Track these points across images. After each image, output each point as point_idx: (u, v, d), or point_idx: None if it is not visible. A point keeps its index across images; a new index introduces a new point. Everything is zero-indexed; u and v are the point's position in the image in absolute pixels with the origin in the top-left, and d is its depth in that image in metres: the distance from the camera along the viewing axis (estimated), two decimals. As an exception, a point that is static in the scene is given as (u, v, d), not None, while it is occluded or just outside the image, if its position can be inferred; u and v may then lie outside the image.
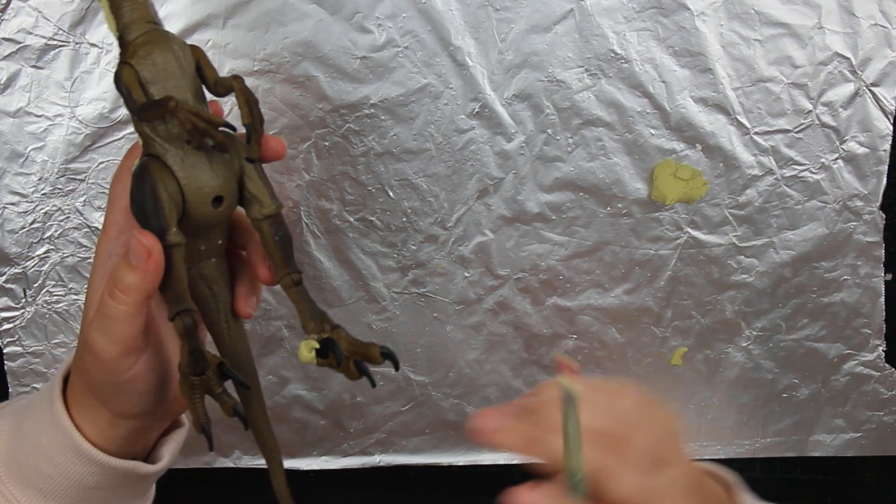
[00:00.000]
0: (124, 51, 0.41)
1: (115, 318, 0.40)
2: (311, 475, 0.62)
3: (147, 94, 0.40)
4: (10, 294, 0.57)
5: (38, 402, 0.45)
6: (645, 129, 0.54)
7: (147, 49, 0.40)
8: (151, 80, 0.40)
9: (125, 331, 0.40)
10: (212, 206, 0.42)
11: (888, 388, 0.61)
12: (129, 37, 0.41)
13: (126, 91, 0.40)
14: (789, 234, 0.57)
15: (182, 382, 0.43)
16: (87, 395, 0.43)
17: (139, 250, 0.40)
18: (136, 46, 0.40)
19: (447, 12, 0.52)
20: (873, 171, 0.55)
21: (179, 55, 0.41)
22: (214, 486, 0.62)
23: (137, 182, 0.41)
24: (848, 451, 0.62)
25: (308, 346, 0.44)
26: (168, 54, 0.41)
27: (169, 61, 0.41)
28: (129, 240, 0.40)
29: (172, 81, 0.41)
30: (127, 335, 0.40)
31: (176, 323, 0.41)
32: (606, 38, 0.52)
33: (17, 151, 0.53)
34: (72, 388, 0.44)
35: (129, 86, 0.40)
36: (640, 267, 0.57)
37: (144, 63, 0.40)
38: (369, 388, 0.60)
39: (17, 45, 0.52)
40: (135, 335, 0.41)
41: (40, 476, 0.43)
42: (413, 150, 0.54)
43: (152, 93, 0.40)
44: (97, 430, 0.43)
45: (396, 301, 0.58)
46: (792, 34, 0.53)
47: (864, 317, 0.59)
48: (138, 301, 0.40)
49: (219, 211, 0.43)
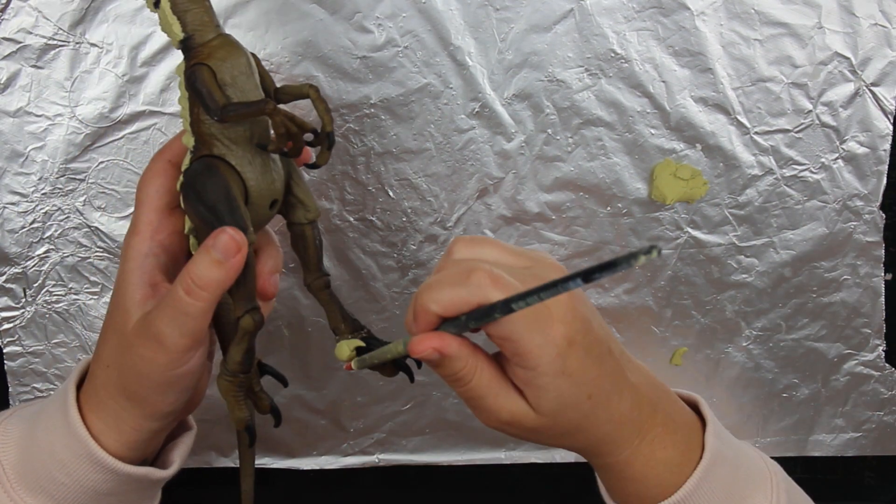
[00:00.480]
0: (195, 52, 0.41)
1: (190, 314, 0.40)
2: (311, 475, 0.62)
3: (225, 96, 0.40)
4: (10, 294, 0.57)
5: (50, 409, 0.45)
6: (645, 129, 0.54)
7: (224, 52, 0.41)
8: (230, 83, 0.41)
9: (197, 325, 0.41)
10: (269, 208, 0.43)
11: (888, 388, 0.61)
12: (202, 39, 0.41)
13: (206, 91, 0.40)
14: (789, 234, 0.57)
15: (227, 380, 0.43)
16: (118, 397, 0.43)
17: (229, 246, 0.40)
18: (212, 49, 0.41)
19: (447, 12, 0.52)
20: (873, 171, 0.55)
21: (250, 60, 0.42)
22: (214, 486, 0.62)
23: (205, 181, 0.41)
24: (848, 451, 0.62)
25: (349, 346, 0.46)
26: (242, 58, 0.41)
27: (243, 65, 0.41)
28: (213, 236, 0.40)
29: (248, 85, 0.41)
30: (198, 329, 0.41)
31: (245, 320, 0.42)
32: (606, 37, 0.52)
33: (17, 151, 0.53)
34: (93, 393, 0.44)
35: (208, 86, 0.40)
36: (640, 267, 0.57)
37: (223, 66, 0.41)
38: (369, 387, 0.60)
39: (17, 45, 0.52)
40: (204, 329, 0.41)
41: (53, 483, 0.43)
42: (413, 149, 0.54)
43: (229, 94, 0.41)
44: (118, 434, 0.43)
45: (396, 301, 0.58)
46: (792, 34, 0.53)
47: (864, 317, 0.59)
48: (216, 297, 0.40)
49: (272, 213, 0.44)
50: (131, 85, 0.53)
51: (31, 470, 0.43)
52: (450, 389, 0.60)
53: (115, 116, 0.53)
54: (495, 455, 0.62)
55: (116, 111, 0.53)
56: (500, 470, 0.63)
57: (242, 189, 0.42)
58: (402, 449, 0.62)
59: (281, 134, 0.41)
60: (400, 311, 0.58)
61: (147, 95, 0.53)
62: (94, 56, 0.52)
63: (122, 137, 0.54)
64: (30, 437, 0.44)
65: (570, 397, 0.39)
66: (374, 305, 0.58)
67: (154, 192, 0.44)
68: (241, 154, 0.42)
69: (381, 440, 0.62)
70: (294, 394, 0.60)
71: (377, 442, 0.62)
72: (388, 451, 0.62)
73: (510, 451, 0.62)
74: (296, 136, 0.42)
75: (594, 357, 0.40)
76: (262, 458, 0.62)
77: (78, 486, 0.43)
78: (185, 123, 0.42)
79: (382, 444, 0.62)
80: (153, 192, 0.44)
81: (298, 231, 0.46)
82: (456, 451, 0.62)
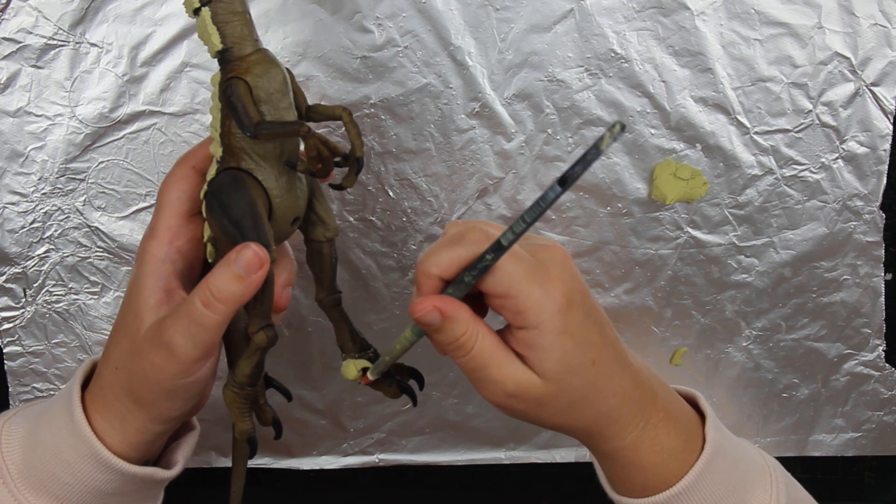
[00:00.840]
0: (233, 66, 0.41)
1: (205, 326, 0.40)
2: (311, 475, 0.62)
3: (259, 113, 0.40)
4: (10, 294, 0.57)
5: (54, 409, 0.45)
6: (645, 129, 0.54)
7: (263, 68, 0.41)
8: (265, 100, 0.40)
9: (210, 337, 0.41)
10: (290, 224, 0.43)
11: (888, 388, 0.61)
12: (242, 52, 0.41)
13: (241, 107, 0.40)
14: (789, 234, 0.57)
15: (233, 391, 0.44)
16: (124, 399, 0.43)
17: (252, 262, 0.39)
18: (250, 63, 0.40)
19: (447, 12, 0.52)
20: (873, 171, 0.55)
21: (286, 77, 0.42)
22: (214, 486, 0.62)
23: (231, 194, 0.41)
24: (848, 451, 0.62)
25: (357, 365, 0.46)
26: (279, 76, 0.41)
27: (280, 83, 0.41)
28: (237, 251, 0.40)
29: (283, 103, 0.41)
30: (210, 341, 0.41)
31: (259, 336, 0.41)
32: (606, 37, 0.52)
33: (17, 151, 0.53)
34: (100, 394, 0.44)
35: (244, 102, 0.40)
36: (640, 267, 0.57)
37: (260, 82, 0.40)
38: (368, 388, 0.60)
39: (17, 45, 0.52)
40: (216, 341, 0.41)
41: (57, 483, 0.43)
42: (413, 149, 0.54)
43: (263, 111, 0.40)
44: (123, 436, 0.43)
45: (396, 301, 0.58)
46: (792, 34, 0.53)
47: (864, 317, 0.59)
48: (233, 311, 0.40)
49: (293, 229, 0.44)
50: (131, 85, 0.53)
51: (35, 470, 0.43)
52: (450, 389, 0.61)
53: (115, 116, 0.53)
54: (495, 455, 0.62)
55: (116, 111, 0.53)
56: (500, 470, 0.63)
57: (267, 205, 0.41)
58: (401, 449, 0.62)
59: (313, 157, 0.41)
60: (400, 311, 0.58)
61: (147, 95, 0.53)
62: (94, 56, 0.52)
63: (122, 137, 0.54)
64: (34, 437, 0.44)
65: (573, 359, 0.39)
66: (374, 305, 0.58)
67: (176, 198, 0.44)
68: (268, 170, 0.41)
69: (380, 440, 0.62)
70: (294, 394, 0.59)
71: (377, 442, 0.62)
72: (387, 451, 0.62)
73: (510, 451, 0.62)
74: (327, 160, 0.41)
75: (594, 321, 0.40)
76: (262, 458, 0.62)
77: (82, 486, 0.43)
78: (214, 133, 0.42)
79: (382, 444, 0.62)
80: (175, 197, 0.44)
81: (316, 248, 0.46)
82: (456, 451, 0.62)
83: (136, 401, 0.42)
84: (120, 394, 0.43)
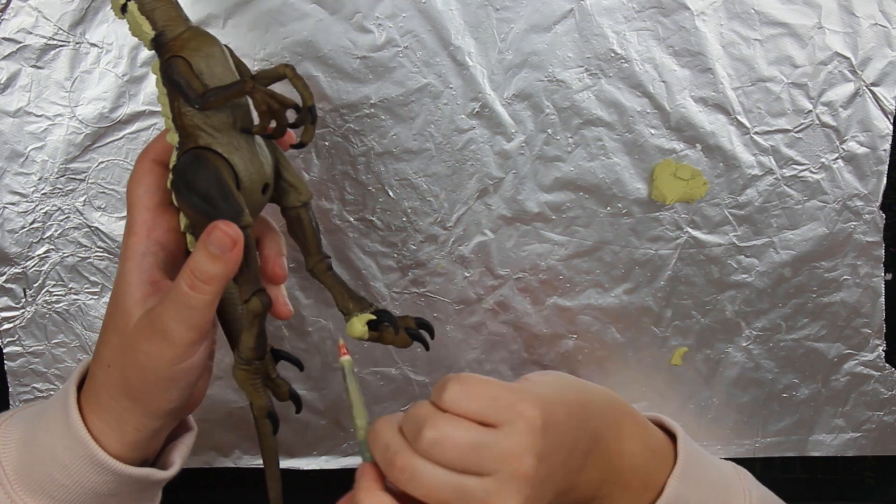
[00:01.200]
0: (168, 47, 0.41)
1: (195, 308, 0.40)
2: (311, 475, 0.62)
3: (203, 84, 0.41)
4: (10, 294, 0.57)
5: (50, 410, 0.45)
6: (645, 129, 0.54)
7: (197, 42, 0.41)
8: (205, 72, 0.41)
9: (202, 318, 0.41)
10: (261, 193, 0.43)
11: (888, 388, 0.61)
12: (173, 33, 0.41)
13: (184, 81, 0.40)
14: (789, 234, 0.57)
15: (242, 368, 0.43)
16: (119, 396, 0.43)
17: (223, 241, 0.40)
18: (184, 41, 0.41)
19: (447, 12, 0.52)
20: (873, 171, 0.55)
21: (223, 48, 0.42)
22: (214, 486, 0.62)
23: (195, 172, 0.41)
24: (848, 451, 0.62)
25: (362, 321, 0.46)
26: (215, 47, 0.42)
27: (217, 53, 0.42)
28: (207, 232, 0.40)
29: (224, 71, 0.42)
30: (203, 322, 0.41)
31: (253, 303, 0.41)
32: (606, 37, 0.52)
33: (17, 151, 0.53)
34: (94, 394, 0.44)
35: (186, 77, 0.40)
36: (640, 267, 0.57)
37: (197, 55, 0.41)
38: (369, 387, 0.60)
39: (17, 45, 0.52)
40: (209, 321, 0.42)
41: (53, 484, 0.43)
42: (413, 149, 0.54)
43: (206, 83, 0.41)
44: (120, 435, 0.43)
45: (396, 301, 0.58)
46: (792, 34, 0.53)
47: (864, 317, 0.59)
48: (220, 289, 0.41)
49: (265, 198, 0.44)
50: (131, 85, 0.53)
51: (31, 471, 0.43)
52: (450, 389, 0.60)
53: (115, 116, 0.53)
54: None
55: (116, 111, 0.53)
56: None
57: (233, 176, 0.42)
58: (402, 449, 0.62)
59: (263, 112, 0.41)
60: (400, 312, 0.58)
61: (147, 95, 0.53)
62: (94, 56, 0.52)
63: (122, 137, 0.54)
64: (30, 439, 0.44)
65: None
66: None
67: (143, 192, 0.44)
68: (226, 141, 0.42)
69: (381, 440, 0.62)
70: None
71: (377, 442, 0.62)
72: (388, 451, 0.62)
73: (510, 451, 0.62)
74: (278, 112, 0.41)
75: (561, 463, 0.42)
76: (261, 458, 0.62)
77: (78, 488, 0.43)
78: (168, 121, 0.42)
79: (382, 444, 0.62)
80: (143, 192, 0.44)
81: (294, 215, 0.46)
82: (456, 451, 0.62)
83: (131, 396, 0.42)
84: (114, 392, 0.43)
